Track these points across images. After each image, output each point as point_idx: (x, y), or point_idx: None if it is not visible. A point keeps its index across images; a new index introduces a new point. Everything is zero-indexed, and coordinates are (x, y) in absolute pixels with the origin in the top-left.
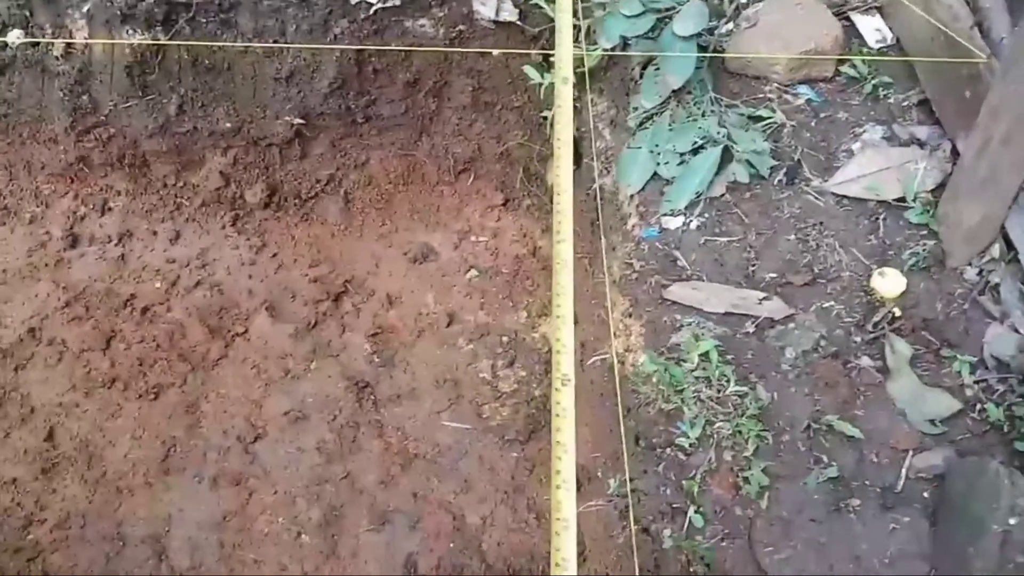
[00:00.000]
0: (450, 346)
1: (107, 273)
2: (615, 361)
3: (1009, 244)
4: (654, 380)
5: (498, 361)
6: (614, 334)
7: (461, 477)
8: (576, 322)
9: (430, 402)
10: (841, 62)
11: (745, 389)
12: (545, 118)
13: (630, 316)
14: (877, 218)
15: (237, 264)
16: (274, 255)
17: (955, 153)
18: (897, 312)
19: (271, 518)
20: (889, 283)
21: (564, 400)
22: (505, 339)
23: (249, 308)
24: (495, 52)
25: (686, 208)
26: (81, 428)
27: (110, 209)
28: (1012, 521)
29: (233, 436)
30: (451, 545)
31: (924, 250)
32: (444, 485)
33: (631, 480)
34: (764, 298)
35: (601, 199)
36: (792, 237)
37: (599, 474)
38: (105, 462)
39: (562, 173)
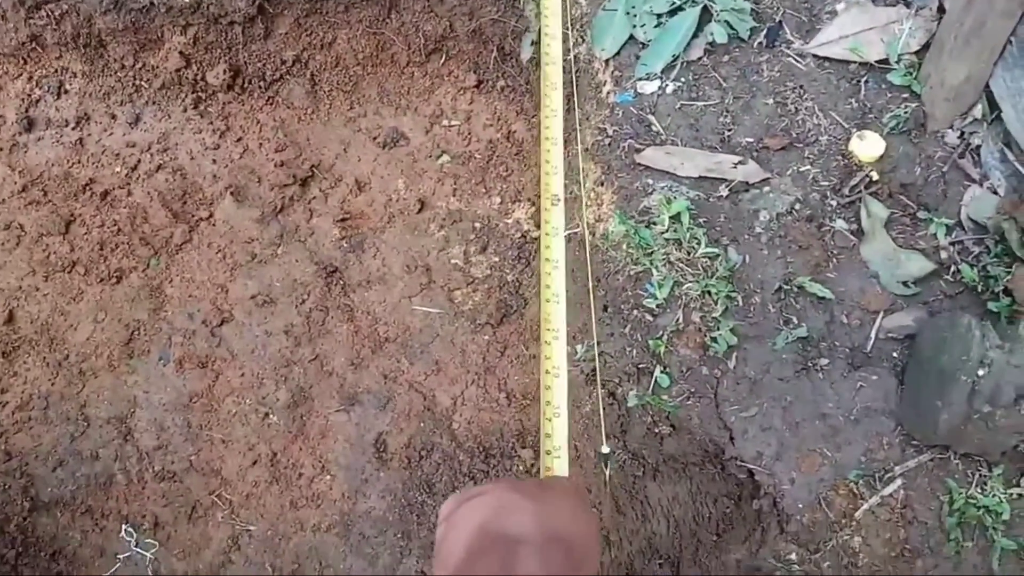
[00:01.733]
0: (421, 232)
1: (65, 157)
2: (585, 230)
3: (992, 103)
4: (624, 246)
5: (470, 247)
6: (585, 204)
7: (432, 359)
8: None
9: (400, 287)
10: None
11: (716, 251)
12: None
13: (602, 184)
14: (858, 80)
15: (200, 148)
16: (238, 139)
17: (941, 12)
18: (875, 176)
19: (238, 399)
20: (868, 146)
21: (554, 220)
22: (478, 225)
23: (213, 193)
24: None
25: (662, 72)
26: (41, 311)
27: (66, 91)
28: (980, 373)
29: (199, 320)
30: (421, 424)
31: (905, 113)
32: (414, 367)
33: (598, 344)
34: (739, 162)
35: (576, 71)
36: (770, 101)
37: (568, 348)
38: (67, 345)
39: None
